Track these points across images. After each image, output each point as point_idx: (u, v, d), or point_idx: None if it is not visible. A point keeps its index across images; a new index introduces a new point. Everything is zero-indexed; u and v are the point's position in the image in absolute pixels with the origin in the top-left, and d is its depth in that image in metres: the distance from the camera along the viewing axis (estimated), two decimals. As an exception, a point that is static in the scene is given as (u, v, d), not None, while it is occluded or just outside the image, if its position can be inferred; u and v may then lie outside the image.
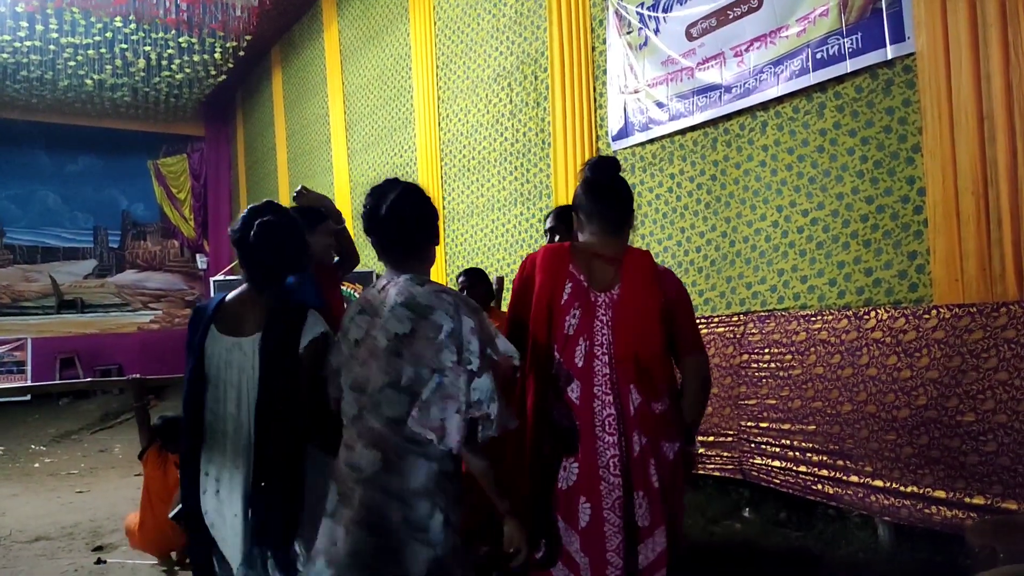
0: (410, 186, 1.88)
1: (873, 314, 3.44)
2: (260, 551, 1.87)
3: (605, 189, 2.09)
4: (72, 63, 10.47)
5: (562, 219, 3.52)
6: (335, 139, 9.89)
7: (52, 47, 9.97)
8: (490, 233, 6.75)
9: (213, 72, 11.61)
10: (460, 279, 3.96)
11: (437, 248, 1.95)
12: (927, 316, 3.21)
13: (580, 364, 1.91)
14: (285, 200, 11.73)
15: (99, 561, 3.99)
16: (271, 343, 1.89)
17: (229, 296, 2.04)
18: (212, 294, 7.53)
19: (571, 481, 1.89)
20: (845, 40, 3.67)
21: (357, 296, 1.97)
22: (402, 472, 1.65)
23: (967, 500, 2.94)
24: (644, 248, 4.67)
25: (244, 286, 2.05)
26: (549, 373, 1.93)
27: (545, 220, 3.69)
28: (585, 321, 1.92)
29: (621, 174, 2.14)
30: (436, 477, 1.68)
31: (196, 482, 1.93)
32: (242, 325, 1.95)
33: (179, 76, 11.43)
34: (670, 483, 1.95)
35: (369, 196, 1.86)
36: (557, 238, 3.24)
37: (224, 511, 1.90)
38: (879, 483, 3.28)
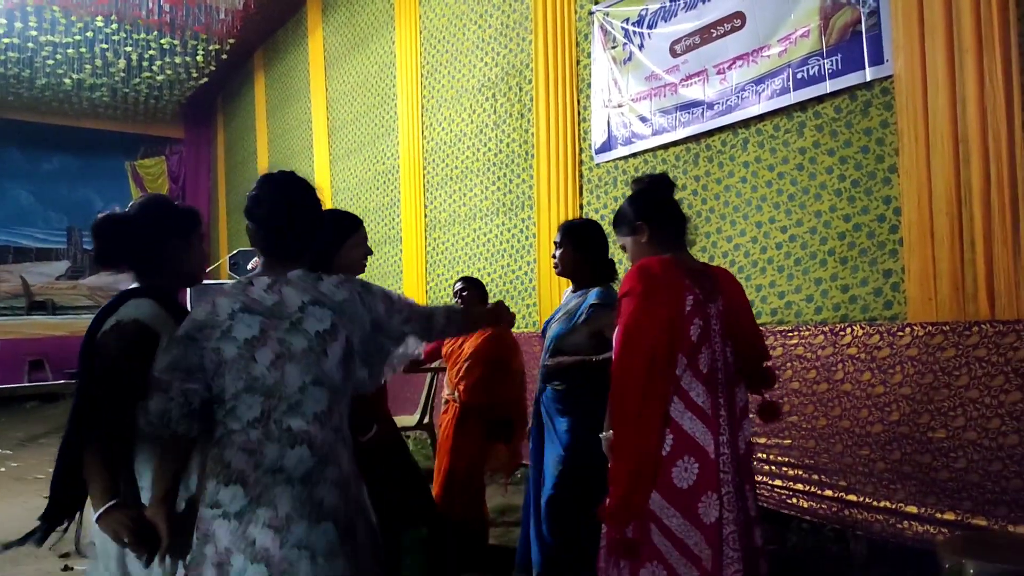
0: (294, 178, 1.88)
1: (849, 330, 3.50)
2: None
3: (677, 204, 2.30)
4: (51, 62, 10.33)
5: (472, 284, 4.06)
6: (317, 145, 9.86)
7: (31, 45, 9.83)
8: (472, 243, 6.75)
9: (195, 74, 11.52)
10: (457, 286, 4.11)
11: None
12: (901, 333, 3.27)
13: (704, 370, 2.04)
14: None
15: (66, 568, 3.91)
16: (89, 331, 1.87)
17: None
18: (188, 297, 7.44)
19: (692, 480, 1.98)
20: (825, 61, 3.74)
21: (218, 294, 1.80)
22: (336, 462, 1.73)
23: (938, 515, 2.99)
24: (620, 262, 4.75)
25: (131, 285, 2.00)
26: (672, 380, 2.01)
27: (455, 285, 4.10)
28: (705, 331, 2.06)
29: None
30: (351, 456, 1.81)
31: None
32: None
33: (160, 77, 11.33)
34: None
35: (254, 190, 1.84)
36: (462, 299, 3.87)
37: None
38: (852, 497, 3.32)
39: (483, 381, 3.69)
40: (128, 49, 10.24)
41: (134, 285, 1.96)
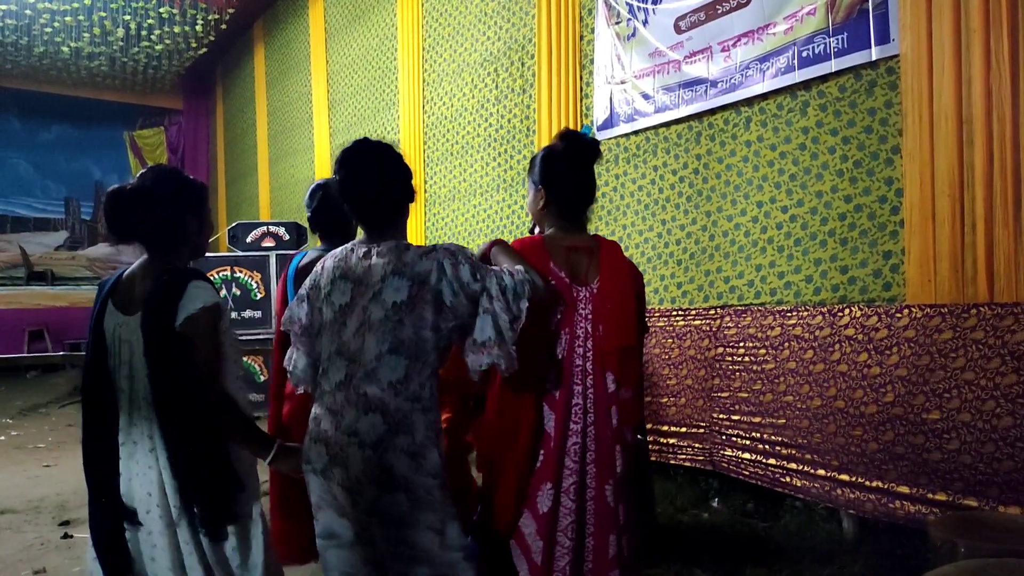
0: (383, 147, 1.88)
1: (847, 311, 3.50)
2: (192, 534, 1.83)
3: (589, 170, 2.09)
4: (48, 29, 10.21)
5: None
6: (317, 118, 9.79)
7: (28, 12, 9.72)
8: (471, 218, 6.74)
9: (194, 44, 11.40)
10: None
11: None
12: (899, 315, 3.27)
13: (560, 356, 1.94)
14: (264, 186, 11.60)
15: (66, 535, 3.95)
16: (150, 321, 1.82)
17: (127, 271, 1.97)
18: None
19: (535, 467, 1.92)
20: (831, 39, 3.70)
21: (328, 258, 1.90)
22: (409, 431, 1.73)
23: (929, 496, 3.02)
24: (621, 239, 4.73)
25: (141, 259, 1.96)
26: (538, 368, 1.93)
27: None
28: (567, 316, 1.95)
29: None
30: (433, 426, 1.80)
31: (103, 454, 1.90)
32: (132, 301, 1.89)
33: (159, 47, 11.21)
34: (632, 467, 2.04)
35: (344, 163, 1.84)
36: None
37: (134, 488, 1.87)
38: (845, 477, 3.34)
39: (455, 353, 3.70)
40: (127, 18, 10.12)
41: (144, 257, 1.96)
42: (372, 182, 1.83)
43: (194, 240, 2.00)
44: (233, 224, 8.20)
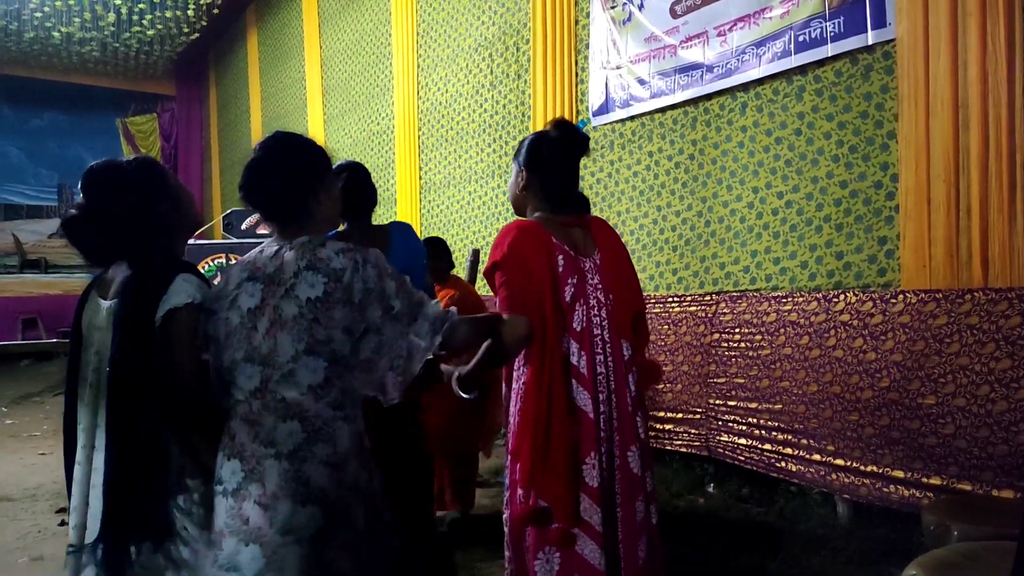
0: (290, 136, 1.76)
1: (842, 297, 3.50)
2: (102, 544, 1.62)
3: (576, 161, 2.13)
4: (39, 14, 10.11)
5: (434, 248, 3.71)
6: (311, 104, 9.72)
7: (18, -3, 9.64)
8: (466, 205, 6.71)
9: (186, 29, 11.31)
10: None
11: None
12: (894, 300, 3.28)
13: (578, 328, 1.96)
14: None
15: (63, 523, 3.95)
16: (123, 309, 1.68)
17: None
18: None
19: (577, 444, 1.93)
20: (827, 24, 3.68)
21: (232, 262, 1.76)
22: (329, 439, 1.62)
23: (924, 480, 3.03)
24: (616, 225, 4.71)
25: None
26: (560, 346, 1.94)
27: None
28: (580, 288, 1.99)
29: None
30: (357, 437, 1.69)
31: (72, 446, 1.77)
32: (110, 287, 1.77)
33: (150, 32, 11.11)
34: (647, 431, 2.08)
35: (251, 161, 1.73)
36: None
37: (83, 480, 1.73)
38: (840, 462, 3.36)
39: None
40: (118, 2, 10.02)
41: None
42: (268, 172, 1.70)
43: (173, 223, 1.83)
44: (228, 211, 8.17)
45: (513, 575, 1.97)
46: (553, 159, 2.08)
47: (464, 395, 2.03)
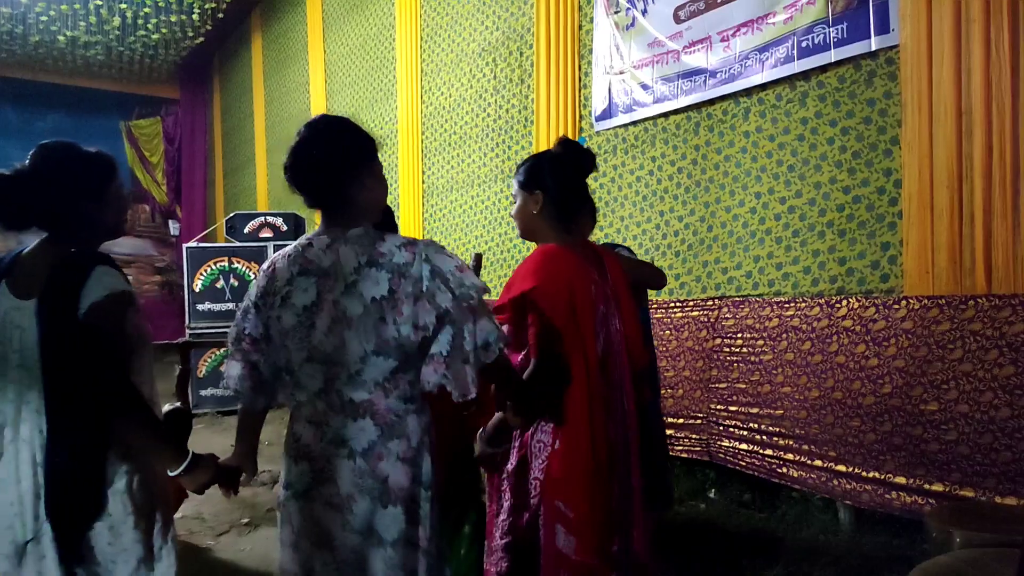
0: (336, 119, 1.70)
1: (845, 303, 3.50)
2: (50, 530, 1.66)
3: (585, 187, 2.17)
4: (44, 18, 10.15)
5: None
6: (315, 108, 9.74)
7: (24, 0, 9.66)
8: (469, 209, 6.72)
9: (190, 33, 11.34)
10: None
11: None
12: (897, 306, 3.27)
13: (600, 352, 1.97)
14: (262, 176, 11.56)
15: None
16: (47, 309, 1.65)
17: (26, 249, 1.79)
18: (184, 261, 7.41)
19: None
20: (831, 29, 3.68)
21: (278, 257, 1.69)
22: (404, 434, 1.57)
23: (926, 487, 3.02)
24: (619, 231, 4.75)
25: (42, 237, 1.79)
26: (602, 384, 1.95)
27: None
28: (604, 314, 2.01)
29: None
30: (427, 429, 1.64)
31: None
32: (29, 285, 1.71)
33: (155, 36, 11.15)
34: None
35: (301, 134, 1.67)
36: None
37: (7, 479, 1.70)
38: (842, 468, 3.35)
39: None
40: (123, 6, 10.06)
41: (40, 239, 1.79)
42: (315, 153, 1.63)
43: (99, 222, 1.82)
44: (231, 215, 8.18)
45: None
46: (568, 180, 2.08)
47: (492, 450, 2.01)
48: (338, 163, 1.64)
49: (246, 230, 7.85)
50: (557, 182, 2.06)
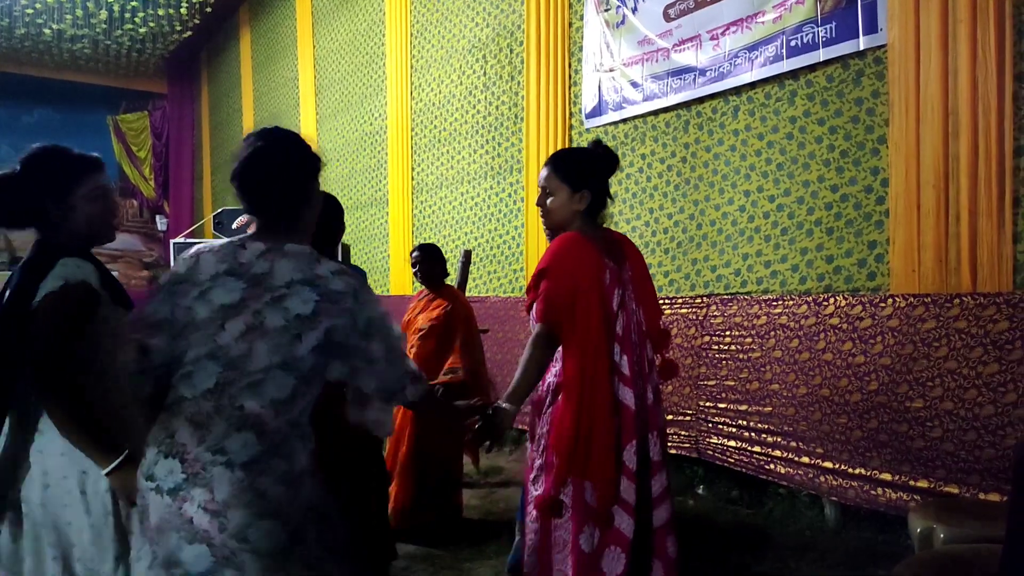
0: (290, 132, 1.69)
1: (832, 301, 3.52)
2: None
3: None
4: (30, 11, 10.06)
5: (426, 254, 3.86)
6: (304, 104, 9.70)
7: (9, -8, 9.58)
8: (459, 206, 6.71)
9: (178, 28, 11.27)
10: (413, 254, 3.92)
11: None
12: (883, 304, 3.30)
13: (621, 333, 2.16)
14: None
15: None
16: (10, 293, 1.72)
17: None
18: (172, 256, 7.37)
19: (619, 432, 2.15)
20: (820, 29, 3.70)
21: (205, 249, 1.68)
22: (287, 456, 1.56)
23: (911, 483, 3.05)
24: (611, 227, 4.79)
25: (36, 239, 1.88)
26: (607, 348, 2.14)
27: (411, 253, 3.98)
28: (623, 298, 2.20)
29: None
30: (311, 456, 1.62)
31: None
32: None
33: (142, 30, 11.07)
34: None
35: (245, 144, 1.65)
36: (417, 269, 3.86)
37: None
38: (829, 464, 3.38)
39: (435, 353, 3.70)
40: (110, 0, 9.98)
41: (34, 240, 1.86)
42: (270, 162, 1.63)
43: (90, 224, 1.87)
44: (218, 210, 8.14)
45: (535, 547, 2.18)
46: (604, 177, 2.31)
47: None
48: (292, 177, 1.67)
49: (234, 226, 7.82)
50: (601, 183, 2.29)
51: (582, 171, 2.25)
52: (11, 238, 13.40)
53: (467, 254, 4.81)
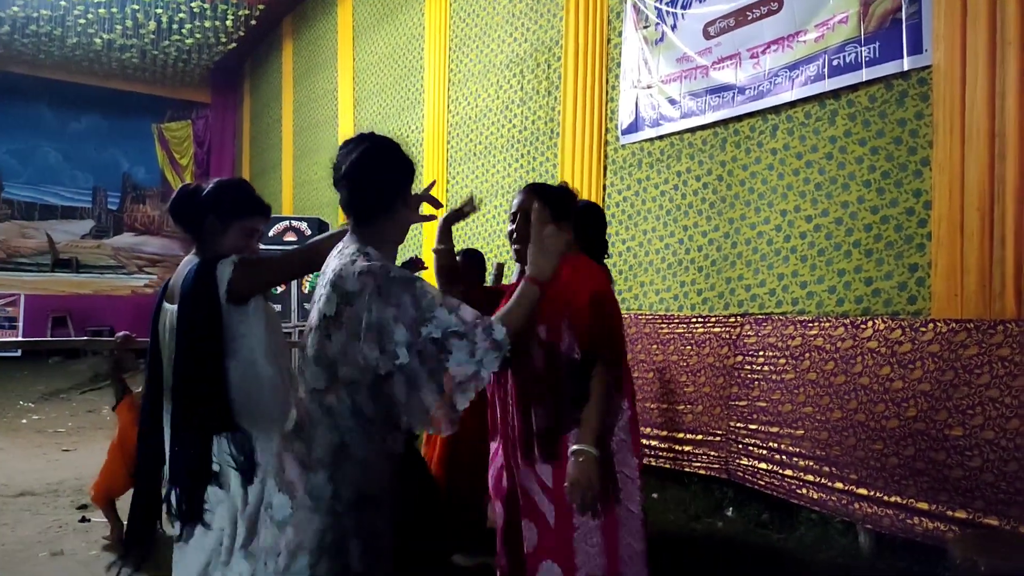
0: (381, 142, 1.72)
1: (870, 324, 3.46)
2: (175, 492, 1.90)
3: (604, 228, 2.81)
4: (82, 21, 10.38)
5: (469, 259, 3.79)
6: (342, 115, 9.85)
7: (63, 3, 9.89)
8: (492, 220, 6.74)
9: (223, 39, 11.54)
10: (457, 258, 3.96)
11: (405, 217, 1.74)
12: (924, 329, 3.23)
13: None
14: (288, 181, 11.68)
15: (83, 519, 4.00)
16: (185, 302, 1.91)
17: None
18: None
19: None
20: (863, 48, 3.66)
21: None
22: (308, 439, 1.63)
23: (949, 513, 2.97)
24: (641, 244, 4.82)
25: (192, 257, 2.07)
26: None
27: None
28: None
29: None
30: (337, 450, 1.62)
31: (155, 445, 2.02)
32: (176, 292, 2.00)
33: (189, 41, 11.35)
34: None
35: (340, 149, 1.75)
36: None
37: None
38: (863, 491, 3.30)
39: None
40: (159, 11, 10.27)
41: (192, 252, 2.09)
42: (376, 163, 1.69)
43: (222, 240, 2.05)
44: (256, 218, 8.29)
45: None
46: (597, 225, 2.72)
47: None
48: (392, 181, 1.72)
49: (271, 233, 7.94)
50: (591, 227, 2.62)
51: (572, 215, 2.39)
52: (56, 241, 13.80)
53: (499, 267, 4.82)
